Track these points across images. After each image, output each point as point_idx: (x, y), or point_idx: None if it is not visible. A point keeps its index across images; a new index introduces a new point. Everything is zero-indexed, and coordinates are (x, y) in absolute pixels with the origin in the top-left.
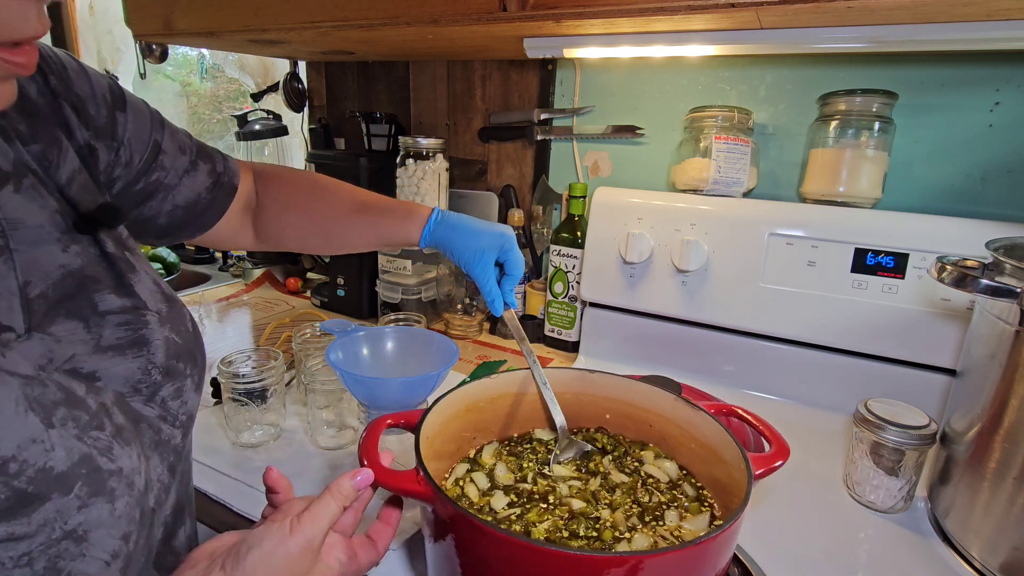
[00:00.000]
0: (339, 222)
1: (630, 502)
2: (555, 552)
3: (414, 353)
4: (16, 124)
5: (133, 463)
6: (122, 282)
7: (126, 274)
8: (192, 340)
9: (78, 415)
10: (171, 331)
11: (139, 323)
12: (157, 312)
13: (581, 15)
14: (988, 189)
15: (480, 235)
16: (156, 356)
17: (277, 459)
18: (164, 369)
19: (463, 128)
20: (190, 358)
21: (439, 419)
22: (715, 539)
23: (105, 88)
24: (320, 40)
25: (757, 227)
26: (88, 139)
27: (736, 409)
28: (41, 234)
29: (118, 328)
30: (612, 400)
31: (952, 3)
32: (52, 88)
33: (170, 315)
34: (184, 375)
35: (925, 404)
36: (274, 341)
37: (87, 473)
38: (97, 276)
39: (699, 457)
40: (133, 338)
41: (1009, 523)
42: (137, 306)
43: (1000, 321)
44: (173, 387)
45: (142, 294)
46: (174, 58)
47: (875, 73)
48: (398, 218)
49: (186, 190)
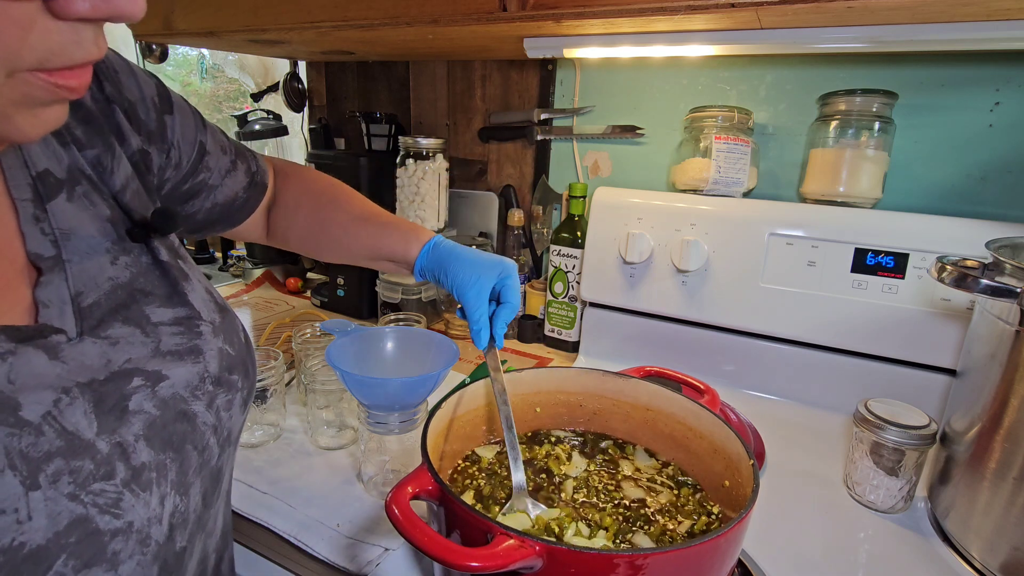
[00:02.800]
0: (345, 228)
1: (630, 501)
2: (562, 550)
3: (414, 353)
4: (73, 129)
5: (151, 511)
6: (176, 290)
7: (180, 282)
8: (244, 352)
9: (78, 466)
10: (224, 342)
11: (193, 333)
12: (211, 322)
13: (581, 15)
14: (988, 189)
15: (480, 261)
16: (210, 366)
17: (277, 459)
18: (216, 379)
19: (463, 128)
20: (243, 370)
21: (442, 422)
22: (723, 536)
23: (153, 90)
24: (320, 40)
25: (757, 227)
26: (141, 144)
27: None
28: (92, 244)
29: (174, 336)
30: (601, 397)
31: (952, 3)
32: (107, 94)
33: (223, 325)
34: (236, 388)
35: (925, 404)
36: (274, 341)
37: (78, 541)
38: (147, 288)
39: (699, 454)
40: (189, 346)
41: (1009, 523)
42: (191, 316)
43: (1000, 321)
44: (227, 398)
45: (195, 303)
46: (174, 58)
47: (875, 73)
48: (402, 233)
49: (227, 189)
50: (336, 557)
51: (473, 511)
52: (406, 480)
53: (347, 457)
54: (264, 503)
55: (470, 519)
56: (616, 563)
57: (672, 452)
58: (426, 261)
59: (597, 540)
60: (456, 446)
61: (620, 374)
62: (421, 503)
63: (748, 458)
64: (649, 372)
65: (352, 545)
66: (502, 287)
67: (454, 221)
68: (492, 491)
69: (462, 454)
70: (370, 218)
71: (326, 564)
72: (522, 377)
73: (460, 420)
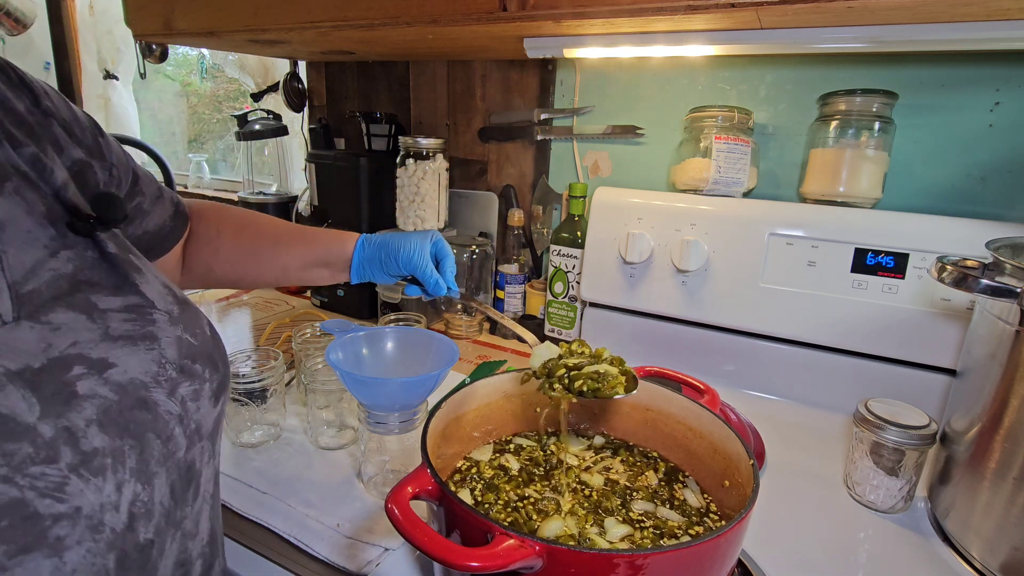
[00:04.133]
0: (273, 245)
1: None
2: (562, 550)
3: (414, 353)
4: (6, 126)
5: (104, 497)
6: (126, 281)
7: (130, 274)
8: (211, 344)
9: (13, 449)
10: (184, 332)
11: (145, 320)
12: (167, 312)
13: (581, 15)
14: (988, 189)
15: (412, 234)
16: (167, 352)
17: (277, 459)
18: (179, 366)
19: (463, 128)
20: (209, 362)
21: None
22: (723, 536)
23: (84, 116)
24: (320, 40)
25: (757, 227)
26: (83, 156)
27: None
28: (28, 238)
29: (125, 323)
30: (611, 400)
31: (952, 3)
32: (43, 108)
33: (182, 316)
34: (203, 378)
35: (925, 404)
36: (274, 341)
37: (11, 526)
38: (94, 279)
39: (699, 454)
40: (142, 332)
41: (1009, 523)
42: (143, 304)
43: (1000, 321)
44: (191, 388)
45: (148, 293)
46: (174, 58)
47: (875, 73)
48: (332, 237)
49: (157, 216)
50: (336, 557)
51: (473, 511)
52: (406, 480)
53: (347, 457)
54: (264, 503)
55: (470, 519)
56: (616, 563)
57: (672, 452)
58: (364, 252)
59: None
60: (456, 446)
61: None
62: (421, 503)
63: (748, 458)
64: (649, 372)
65: (352, 545)
66: (436, 250)
67: (454, 221)
68: (492, 491)
69: (462, 454)
70: (296, 232)
71: (326, 564)
72: (522, 377)
73: (460, 420)
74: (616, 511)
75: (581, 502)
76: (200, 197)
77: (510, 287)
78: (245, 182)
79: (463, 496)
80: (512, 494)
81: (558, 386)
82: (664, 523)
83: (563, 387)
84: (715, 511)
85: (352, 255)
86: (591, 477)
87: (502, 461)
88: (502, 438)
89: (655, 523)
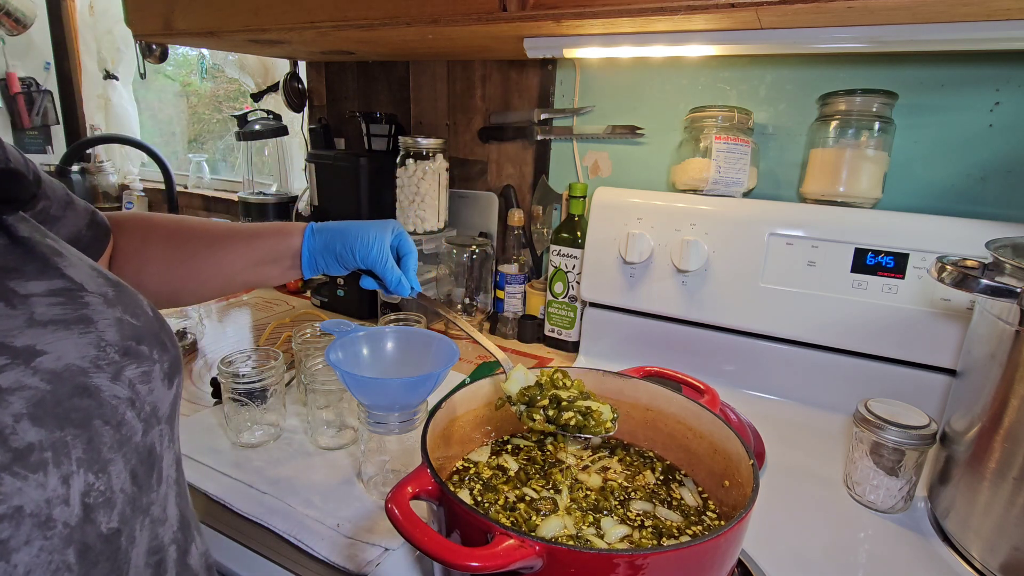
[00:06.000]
0: (211, 248)
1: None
2: (562, 550)
3: (414, 353)
4: None
5: (49, 492)
6: (48, 264)
7: (51, 257)
8: (155, 324)
9: None
10: (124, 313)
11: (77, 303)
12: (101, 295)
13: (581, 15)
14: (988, 189)
15: (369, 224)
16: (107, 335)
17: (277, 459)
18: (122, 349)
19: (463, 128)
20: (156, 342)
21: (443, 421)
22: (723, 536)
23: None
24: (320, 40)
25: (757, 227)
26: None
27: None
28: None
29: (52, 307)
30: (601, 397)
31: (952, 3)
32: None
33: (119, 298)
34: (152, 359)
35: (925, 404)
36: (274, 341)
37: None
38: (9, 266)
39: (699, 454)
40: (75, 315)
41: (1009, 523)
42: (70, 288)
43: (1000, 321)
44: (139, 370)
45: (76, 277)
46: (174, 58)
47: (875, 73)
48: (275, 230)
49: (69, 224)
50: (336, 557)
51: (473, 511)
52: (406, 480)
53: (347, 457)
54: (264, 503)
55: (470, 519)
56: (616, 563)
57: (672, 452)
58: (313, 243)
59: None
60: (456, 446)
61: (620, 374)
62: (421, 503)
63: (748, 458)
64: (649, 372)
65: (352, 545)
66: (398, 242)
67: (454, 221)
68: (491, 491)
69: (462, 454)
70: (234, 231)
71: (326, 564)
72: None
73: (460, 420)
74: (614, 511)
75: (579, 502)
76: (200, 197)
77: (510, 287)
78: (245, 182)
79: (462, 496)
80: (511, 494)
81: (538, 416)
82: (663, 523)
83: (544, 418)
84: (713, 510)
85: (301, 247)
86: (589, 477)
87: (500, 461)
88: (502, 438)
89: (654, 523)
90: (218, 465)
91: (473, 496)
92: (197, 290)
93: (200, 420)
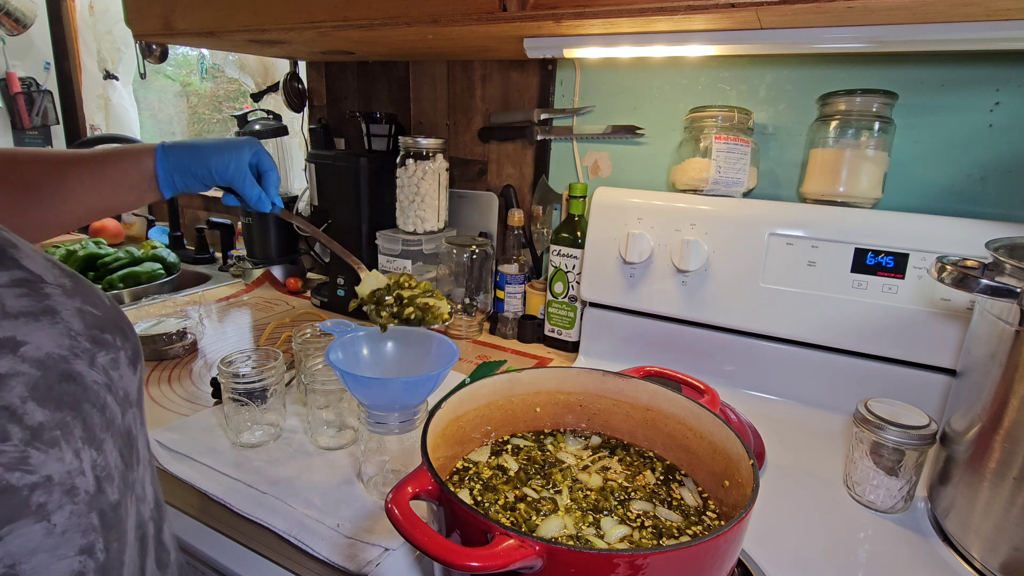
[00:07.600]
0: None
1: (635, 498)
2: (562, 550)
3: (414, 353)
4: None
5: (68, 464)
6: (5, 255)
7: (6, 249)
8: (114, 313)
9: None
10: (83, 303)
11: (40, 295)
12: (59, 286)
13: (581, 15)
14: (988, 189)
15: (227, 142)
16: (73, 324)
17: (277, 459)
18: (89, 337)
19: (463, 128)
20: (118, 331)
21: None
22: (723, 536)
23: None
24: (320, 40)
25: (757, 227)
26: None
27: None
28: None
29: (20, 299)
30: (601, 397)
31: (952, 3)
32: None
33: (77, 289)
34: (116, 347)
35: (925, 404)
36: (274, 341)
37: None
38: None
39: (699, 454)
40: (41, 307)
41: (1009, 523)
42: (31, 279)
43: (1000, 321)
44: (108, 357)
45: (35, 268)
46: (174, 58)
47: (875, 73)
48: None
49: None
50: (336, 557)
51: (473, 511)
52: (406, 480)
53: (347, 457)
54: (264, 503)
55: (470, 519)
56: (616, 563)
57: (672, 452)
58: (167, 162)
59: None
60: (456, 446)
61: (620, 374)
62: (421, 503)
63: (748, 458)
64: (649, 372)
65: (352, 545)
66: (256, 159)
67: (454, 221)
68: (491, 491)
69: (462, 454)
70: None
71: (326, 564)
72: (521, 377)
73: (460, 420)
74: (614, 511)
75: (579, 502)
76: (200, 197)
77: (510, 287)
78: None
79: (462, 496)
80: (511, 494)
81: (385, 313)
82: (663, 523)
83: (390, 314)
84: (713, 510)
85: (155, 168)
86: (589, 477)
87: (500, 461)
88: (502, 438)
89: (654, 523)
90: (218, 465)
91: (473, 496)
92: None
93: (200, 420)
